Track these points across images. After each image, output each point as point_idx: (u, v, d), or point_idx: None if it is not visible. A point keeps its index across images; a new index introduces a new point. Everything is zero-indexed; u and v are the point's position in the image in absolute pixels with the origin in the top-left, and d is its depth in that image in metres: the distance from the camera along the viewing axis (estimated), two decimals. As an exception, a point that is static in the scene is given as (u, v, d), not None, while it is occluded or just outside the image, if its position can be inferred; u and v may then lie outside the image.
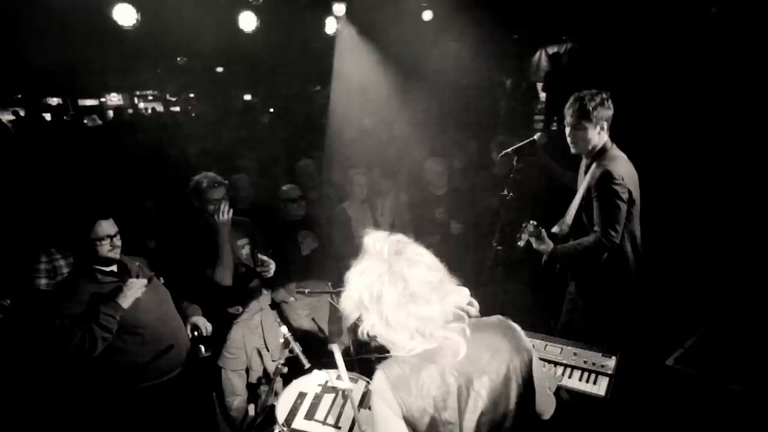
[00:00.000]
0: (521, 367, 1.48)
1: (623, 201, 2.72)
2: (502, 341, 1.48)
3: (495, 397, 1.43)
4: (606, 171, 2.73)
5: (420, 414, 1.39)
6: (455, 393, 1.40)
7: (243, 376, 3.42)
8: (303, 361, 2.64)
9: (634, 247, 2.89)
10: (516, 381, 1.46)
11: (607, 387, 2.46)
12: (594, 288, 3.00)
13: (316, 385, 2.61)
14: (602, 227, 2.75)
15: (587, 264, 2.96)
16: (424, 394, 1.39)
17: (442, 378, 1.40)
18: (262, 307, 3.45)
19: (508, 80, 7.94)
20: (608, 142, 2.87)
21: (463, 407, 1.41)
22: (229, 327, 3.31)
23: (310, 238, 3.94)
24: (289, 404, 2.51)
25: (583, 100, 2.77)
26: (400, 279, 1.37)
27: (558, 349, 2.67)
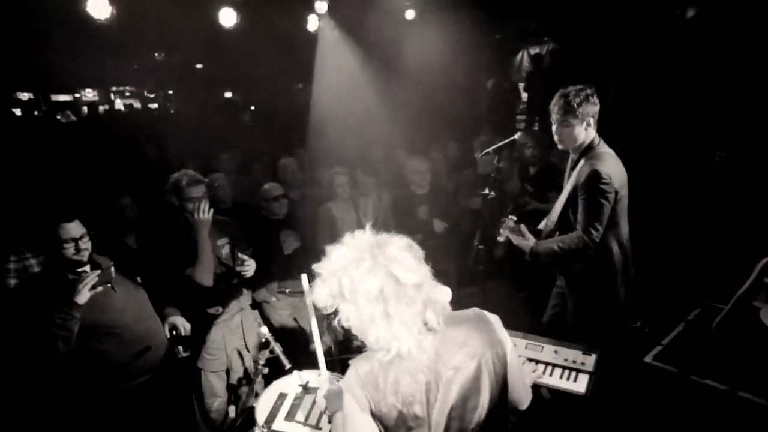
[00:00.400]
0: (494, 361, 1.48)
1: (608, 201, 2.72)
2: (475, 335, 1.48)
3: (465, 392, 1.44)
4: (594, 170, 2.72)
5: (388, 410, 1.39)
6: (424, 388, 1.41)
7: (223, 378, 3.36)
8: (284, 362, 2.62)
9: (621, 245, 2.90)
10: (489, 376, 1.46)
11: (587, 384, 2.49)
12: (581, 284, 3.01)
13: (297, 385, 2.58)
14: (584, 225, 2.76)
15: (572, 260, 2.97)
16: (394, 390, 1.39)
17: (413, 375, 1.40)
18: (243, 307, 3.40)
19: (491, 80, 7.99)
20: (596, 138, 2.86)
21: (432, 402, 1.41)
22: (209, 328, 3.25)
23: (292, 237, 3.91)
24: (269, 405, 2.48)
25: (568, 96, 2.76)
26: (382, 271, 1.36)
27: (539, 348, 2.69)
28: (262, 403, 2.50)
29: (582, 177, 2.77)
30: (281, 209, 3.87)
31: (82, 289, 2.43)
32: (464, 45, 6.48)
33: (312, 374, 2.63)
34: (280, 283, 3.77)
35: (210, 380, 3.29)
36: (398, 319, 1.36)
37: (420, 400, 1.40)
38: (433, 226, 4.43)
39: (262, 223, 3.87)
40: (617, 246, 2.88)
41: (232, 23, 5.69)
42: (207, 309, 3.22)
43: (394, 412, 1.40)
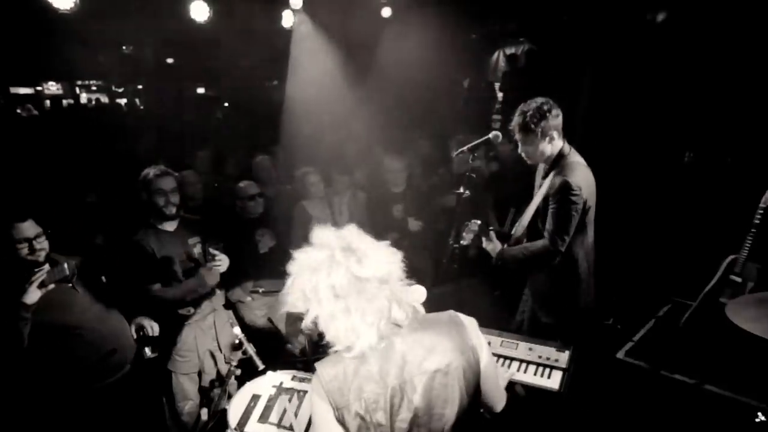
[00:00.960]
0: (465, 368, 1.44)
1: (576, 212, 2.76)
2: (447, 340, 1.44)
3: (431, 399, 1.40)
4: (565, 181, 2.74)
5: (351, 417, 1.37)
6: (389, 394, 1.38)
7: (195, 380, 3.29)
8: (257, 363, 2.58)
9: (586, 254, 2.95)
10: (458, 383, 1.43)
11: (560, 381, 2.51)
12: (544, 291, 3.05)
13: (271, 386, 2.53)
14: (551, 234, 2.81)
15: (538, 269, 3.02)
16: (357, 396, 1.37)
17: (377, 380, 1.38)
18: (216, 307, 3.34)
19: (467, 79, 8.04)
20: (565, 147, 2.87)
21: (396, 410, 1.38)
22: (180, 328, 3.18)
23: (267, 236, 3.87)
24: (242, 407, 2.43)
25: (526, 116, 2.77)
26: (342, 266, 1.34)
27: (513, 345, 2.71)
28: (234, 405, 2.45)
29: (553, 187, 2.81)
30: (257, 208, 3.83)
31: (30, 288, 2.34)
32: (440, 44, 6.49)
33: (286, 375, 2.59)
34: (254, 283, 3.72)
35: (181, 382, 3.22)
36: (359, 314, 1.33)
37: (383, 407, 1.37)
38: (408, 224, 4.43)
39: (237, 222, 3.82)
40: (583, 255, 2.93)
41: (204, 17, 5.57)
42: (178, 309, 3.14)
43: (357, 420, 1.37)
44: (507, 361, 2.64)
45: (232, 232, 3.66)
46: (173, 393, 3.22)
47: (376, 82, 6.84)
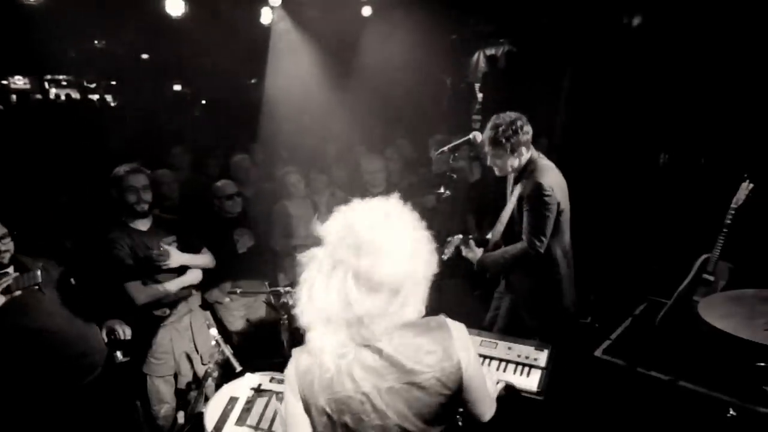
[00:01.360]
0: (445, 381, 1.36)
1: (551, 212, 2.82)
2: (431, 353, 1.36)
3: (405, 412, 1.34)
4: (537, 183, 2.81)
5: (318, 413, 1.33)
6: (359, 399, 1.32)
7: (171, 383, 3.23)
8: (234, 364, 2.53)
9: (564, 253, 3.00)
10: (435, 398, 1.35)
11: (539, 379, 2.53)
12: (528, 295, 3.08)
13: (248, 388, 2.49)
14: (528, 236, 2.86)
15: (519, 273, 3.06)
16: (328, 394, 1.32)
17: (355, 379, 1.32)
18: (192, 308, 3.28)
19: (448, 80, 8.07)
20: (534, 154, 2.93)
21: (366, 416, 1.32)
22: (155, 330, 3.11)
23: (246, 236, 3.82)
24: (219, 410, 2.38)
25: (497, 130, 2.83)
26: (342, 273, 1.27)
27: (493, 345, 2.72)
28: (211, 408, 2.39)
29: (526, 190, 2.87)
30: (235, 207, 3.78)
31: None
32: (421, 44, 6.50)
33: (264, 377, 2.55)
34: (233, 283, 3.66)
35: (157, 385, 3.15)
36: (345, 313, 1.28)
37: (352, 410, 1.32)
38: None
39: (215, 222, 3.76)
40: (561, 254, 2.98)
41: (179, 12, 5.45)
42: (153, 311, 3.07)
43: (324, 417, 1.33)
44: (486, 361, 2.65)
45: (209, 231, 3.60)
46: (148, 396, 3.16)
47: (357, 81, 6.81)
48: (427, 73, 7.51)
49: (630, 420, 2.74)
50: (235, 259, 3.70)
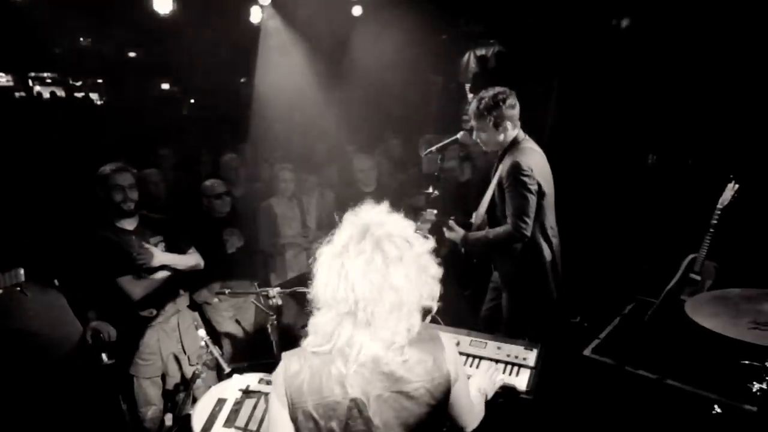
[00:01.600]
0: (433, 393, 1.37)
1: (531, 192, 2.79)
2: (421, 363, 1.37)
3: (391, 420, 1.34)
4: (515, 162, 2.79)
5: (304, 417, 1.33)
6: (347, 405, 1.32)
7: (158, 384, 3.20)
8: (223, 365, 2.51)
9: (547, 239, 2.98)
10: (422, 408, 1.36)
11: (528, 379, 2.53)
12: (514, 281, 3.08)
13: (237, 390, 2.46)
14: (512, 218, 2.83)
15: (502, 255, 3.04)
16: (315, 399, 1.32)
17: (343, 385, 1.32)
18: (180, 309, 3.25)
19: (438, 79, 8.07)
20: (520, 135, 2.93)
21: (352, 422, 1.32)
22: (142, 331, 3.07)
23: (235, 236, 3.81)
24: (207, 412, 2.35)
25: (481, 102, 2.84)
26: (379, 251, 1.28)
27: (482, 344, 2.71)
28: (199, 409, 2.37)
29: (505, 170, 2.85)
30: (224, 207, 3.76)
31: None
32: (411, 44, 6.50)
33: (253, 377, 2.53)
34: (222, 284, 3.63)
35: (144, 387, 3.12)
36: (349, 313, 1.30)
37: (339, 416, 1.32)
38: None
39: (204, 221, 3.74)
40: (544, 241, 2.96)
41: (167, 10, 5.39)
42: (140, 312, 3.04)
43: (311, 423, 1.32)
44: (476, 360, 2.65)
45: (198, 231, 3.57)
46: (135, 398, 3.12)
47: (347, 81, 6.80)
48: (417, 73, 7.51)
49: (618, 418, 2.76)
50: (224, 260, 3.69)
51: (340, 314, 1.30)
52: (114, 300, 2.92)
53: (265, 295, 2.71)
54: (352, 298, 1.26)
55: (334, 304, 1.29)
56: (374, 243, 1.29)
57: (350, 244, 1.30)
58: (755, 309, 2.08)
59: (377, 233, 1.31)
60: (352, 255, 1.28)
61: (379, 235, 1.30)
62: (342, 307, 1.28)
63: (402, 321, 1.32)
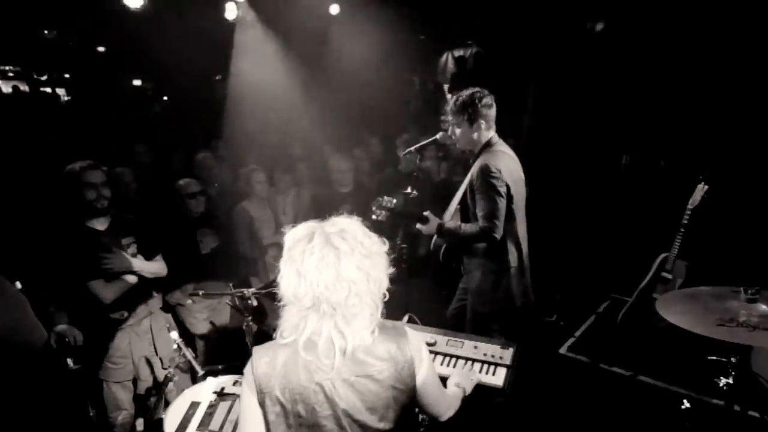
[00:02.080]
0: (397, 377, 1.42)
1: (500, 195, 2.80)
2: (384, 348, 1.42)
3: (356, 403, 1.39)
4: (484, 164, 2.83)
5: (271, 402, 1.37)
6: (313, 389, 1.37)
7: (129, 388, 3.12)
8: (196, 368, 2.45)
9: (517, 245, 2.99)
10: (387, 392, 1.41)
11: (504, 377, 2.55)
12: (477, 282, 3.09)
13: (211, 393, 2.41)
14: (482, 219, 2.85)
15: (470, 254, 3.05)
16: (283, 383, 1.37)
17: (309, 371, 1.37)
18: (152, 311, 3.18)
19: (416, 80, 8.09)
20: (494, 138, 2.96)
21: (319, 406, 1.38)
22: (113, 334, 2.98)
23: (209, 236, 3.75)
24: (180, 415, 2.30)
25: (457, 99, 2.90)
26: (330, 247, 1.34)
27: (459, 344, 2.71)
28: (171, 413, 2.31)
29: (474, 172, 2.89)
30: (198, 206, 3.70)
31: None
32: (389, 43, 6.49)
33: (228, 380, 2.48)
34: (195, 285, 3.56)
35: (114, 392, 3.04)
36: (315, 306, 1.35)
37: (305, 399, 1.37)
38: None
39: (177, 221, 3.66)
40: (513, 246, 2.98)
41: (138, 4, 5.25)
42: (110, 314, 2.95)
43: (278, 407, 1.37)
44: (453, 360, 2.65)
45: (171, 231, 3.51)
46: (105, 403, 3.03)
47: (324, 80, 6.75)
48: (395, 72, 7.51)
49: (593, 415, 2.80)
50: (199, 260, 3.62)
51: (305, 309, 1.36)
52: (82, 303, 2.82)
53: (241, 296, 2.67)
54: (311, 294, 1.33)
55: (296, 301, 1.36)
56: (324, 240, 1.36)
57: (300, 244, 1.37)
58: (723, 306, 2.13)
59: (328, 231, 1.38)
60: (305, 254, 1.34)
61: (329, 233, 1.37)
62: (305, 302, 1.35)
63: (364, 309, 1.39)
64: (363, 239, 1.40)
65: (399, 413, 1.45)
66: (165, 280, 3.19)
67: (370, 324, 1.42)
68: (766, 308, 2.04)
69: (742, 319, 2.00)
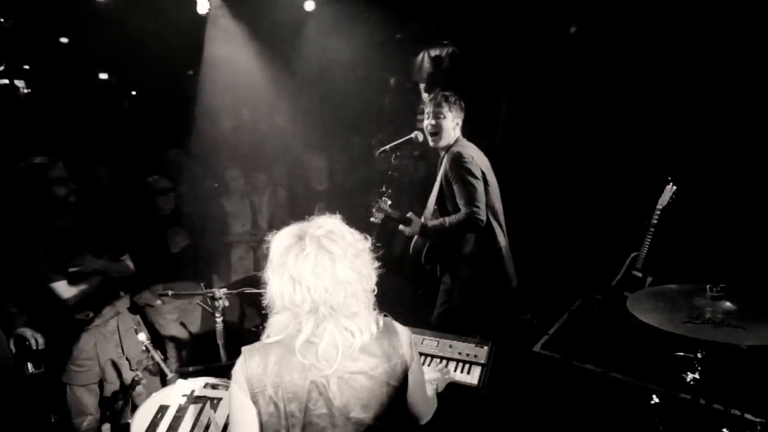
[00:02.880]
0: (390, 374, 1.43)
1: (477, 178, 2.91)
2: (377, 345, 1.43)
3: (350, 400, 1.39)
4: (456, 152, 2.95)
5: (265, 402, 1.36)
6: (307, 388, 1.37)
7: (95, 392, 3.03)
8: (165, 370, 2.38)
9: (500, 225, 3.08)
10: (381, 388, 1.42)
11: (479, 376, 2.57)
12: (470, 269, 3.11)
13: (180, 396, 2.34)
14: (465, 207, 2.91)
15: (458, 245, 3.08)
16: (276, 382, 1.36)
17: (302, 369, 1.37)
18: (119, 311, 3.10)
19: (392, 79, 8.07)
20: (460, 137, 3.11)
21: (312, 404, 1.37)
22: (77, 336, 2.88)
23: (180, 235, 3.67)
24: (148, 420, 2.22)
25: (445, 94, 3.06)
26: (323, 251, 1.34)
27: (434, 343, 2.73)
28: (138, 418, 2.23)
29: (448, 164, 2.98)
30: (167, 204, 3.62)
31: None
32: (364, 41, 6.45)
33: (198, 382, 2.41)
34: (165, 285, 3.47)
35: (78, 396, 2.94)
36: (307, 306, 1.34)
37: (299, 398, 1.37)
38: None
39: (146, 219, 3.57)
40: (498, 226, 3.06)
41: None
42: (75, 315, 2.85)
43: (271, 406, 1.36)
44: (428, 359, 2.66)
45: (139, 230, 3.41)
46: (68, 408, 2.93)
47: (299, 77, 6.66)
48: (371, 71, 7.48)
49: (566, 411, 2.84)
50: (168, 260, 3.54)
51: (304, 313, 1.35)
52: (44, 303, 2.72)
53: (211, 296, 2.61)
54: (309, 299, 1.33)
55: (293, 307, 1.35)
56: (316, 244, 1.35)
57: (292, 250, 1.35)
58: (690, 304, 2.18)
59: (316, 233, 1.37)
60: (298, 260, 1.33)
61: (319, 235, 1.36)
62: (304, 307, 1.34)
63: (361, 306, 1.40)
64: (350, 239, 1.41)
65: (392, 410, 1.45)
66: (133, 280, 3.11)
67: (371, 319, 1.43)
68: (731, 305, 2.10)
69: (707, 316, 2.05)
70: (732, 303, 2.11)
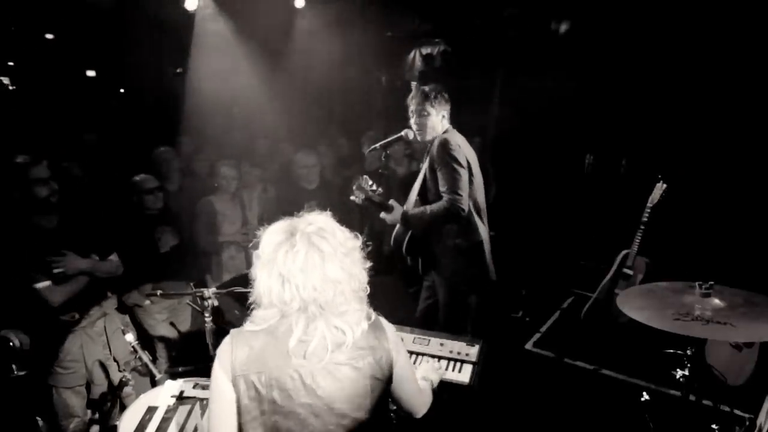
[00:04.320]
0: (375, 368, 1.43)
1: (462, 166, 2.91)
2: (363, 338, 1.42)
3: (334, 391, 1.38)
4: (443, 140, 2.95)
5: (246, 386, 1.35)
6: (290, 375, 1.36)
7: (82, 394, 2.98)
8: (153, 371, 2.35)
9: (481, 219, 3.08)
10: (366, 380, 1.41)
11: (470, 374, 2.56)
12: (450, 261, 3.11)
13: (169, 396, 2.31)
14: (447, 194, 2.91)
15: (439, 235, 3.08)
16: (259, 368, 1.35)
17: (287, 357, 1.36)
18: (107, 312, 3.06)
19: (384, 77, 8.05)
20: (449, 127, 3.10)
21: (295, 393, 1.36)
22: (63, 337, 2.84)
23: (168, 233, 3.62)
24: (135, 421, 2.19)
25: (425, 89, 3.06)
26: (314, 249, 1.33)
27: (426, 341, 2.72)
28: (126, 419, 2.20)
29: (434, 151, 2.98)
30: (156, 203, 3.57)
31: None
32: (355, 40, 6.43)
33: (187, 383, 2.38)
34: (154, 285, 3.43)
35: (65, 398, 2.89)
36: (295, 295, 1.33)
37: (282, 386, 1.35)
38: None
39: (134, 219, 3.53)
40: (479, 220, 3.06)
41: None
42: (60, 316, 2.81)
43: (252, 391, 1.35)
44: (419, 357, 2.65)
45: (127, 229, 3.37)
46: (55, 411, 2.88)
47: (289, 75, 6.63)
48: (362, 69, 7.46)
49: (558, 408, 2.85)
50: (157, 259, 3.50)
51: (294, 311, 1.35)
52: (29, 304, 2.67)
53: (201, 296, 2.58)
54: (298, 297, 1.32)
55: (281, 305, 1.34)
56: (307, 241, 1.34)
57: (282, 246, 1.34)
58: (680, 301, 2.19)
59: (307, 230, 1.36)
60: (288, 257, 1.32)
61: (309, 232, 1.35)
62: (293, 305, 1.33)
63: (351, 304, 1.40)
64: (341, 237, 1.40)
65: (375, 403, 1.44)
66: (121, 280, 3.08)
67: (361, 315, 1.43)
68: (719, 302, 2.11)
69: (696, 313, 2.06)
70: (721, 300, 2.12)
